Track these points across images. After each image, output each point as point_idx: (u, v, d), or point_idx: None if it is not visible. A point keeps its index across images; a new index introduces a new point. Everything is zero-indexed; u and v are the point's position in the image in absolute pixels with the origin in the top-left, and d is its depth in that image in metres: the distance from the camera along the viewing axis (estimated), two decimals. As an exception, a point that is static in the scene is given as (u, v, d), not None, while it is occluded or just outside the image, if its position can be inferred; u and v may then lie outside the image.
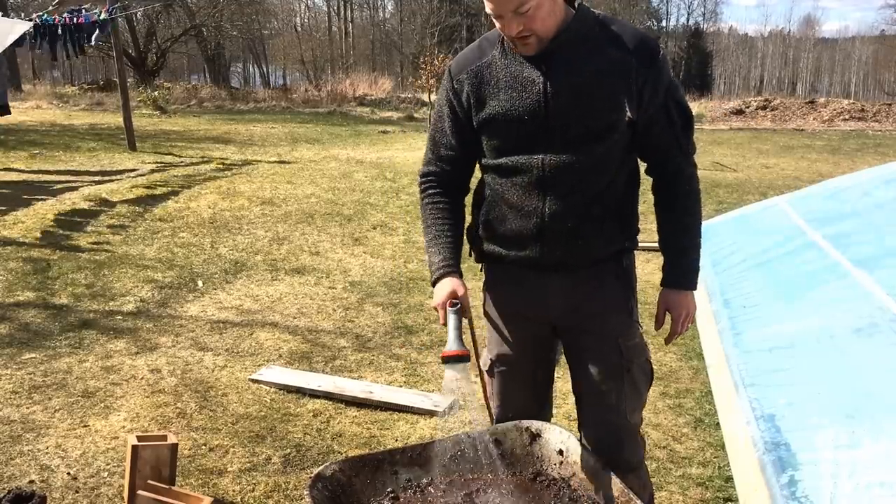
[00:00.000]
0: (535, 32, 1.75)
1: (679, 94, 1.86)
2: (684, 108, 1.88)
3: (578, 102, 1.78)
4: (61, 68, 34.91)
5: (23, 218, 6.80)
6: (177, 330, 4.35)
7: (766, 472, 2.57)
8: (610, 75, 1.78)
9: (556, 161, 1.81)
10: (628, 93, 1.78)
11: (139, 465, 2.53)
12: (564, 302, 1.93)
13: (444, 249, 1.98)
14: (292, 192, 8.41)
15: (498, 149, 1.88)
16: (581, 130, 1.79)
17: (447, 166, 2.00)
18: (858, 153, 13.78)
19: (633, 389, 1.96)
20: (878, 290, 3.47)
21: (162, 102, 18.58)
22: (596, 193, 1.84)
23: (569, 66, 1.78)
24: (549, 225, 1.84)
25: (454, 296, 1.88)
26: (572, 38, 1.79)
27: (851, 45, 50.84)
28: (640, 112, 1.81)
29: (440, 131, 1.98)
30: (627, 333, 1.95)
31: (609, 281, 1.93)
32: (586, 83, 1.78)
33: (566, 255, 1.87)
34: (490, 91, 1.86)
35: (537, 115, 1.80)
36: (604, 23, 1.83)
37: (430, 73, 16.75)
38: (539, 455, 1.88)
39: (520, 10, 1.71)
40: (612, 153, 1.83)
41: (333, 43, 41.00)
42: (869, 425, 2.61)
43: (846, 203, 5.45)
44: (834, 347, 3.24)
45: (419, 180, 2.06)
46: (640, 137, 1.86)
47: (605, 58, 1.78)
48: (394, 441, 3.14)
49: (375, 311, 4.79)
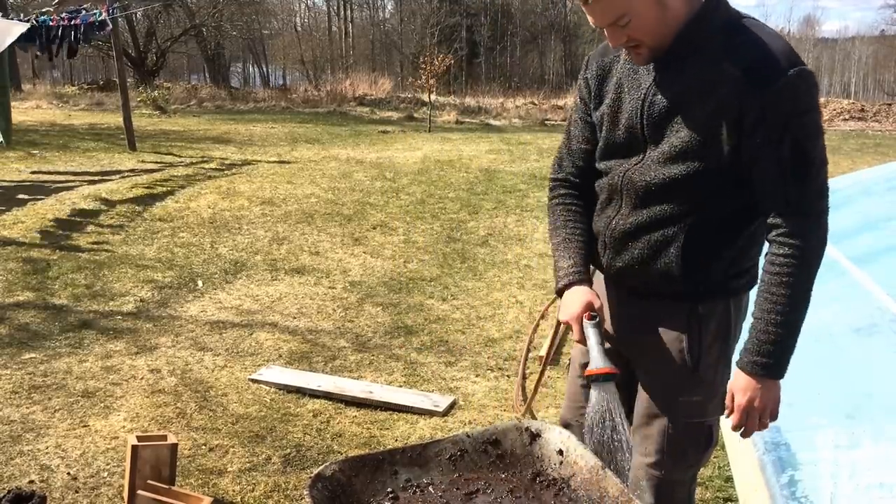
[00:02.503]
0: (642, 43, 1.60)
1: (805, 133, 1.54)
2: (806, 151, 1.54)
3: (672, 117, 1.62)
4: (61, 68, 34.88)
5: (22, 218, 6.80)
6: (177, 330, 4.35)
7: (766, 472, 2.57)
8: (714, 93, 1.56)
9: (636, 174, 1.68)
10: (729, 117, 1.55)
11: (139, 465, 2.53)
12: (618, 322, 1.84)
13: (575, 255, 1.80)
14: (292, 192, 8.40)
15: (601, 150, 1.78)
16: (667, 147, 1.63)
17: (580, 161, 1.86)
18: (858, 153, 13.78)
19: (674, 448, 1.78)
20: (878, 289, 3.47)
21: (162, 102, 18.56)
22: (667, 218, 1.67)
23: (676, 75, 1.63)
24: (611, 235, 1.75)
25: (590, 307, 1.71)
26: (686, 46, 1.61)
27: (851, 45, 50.82)
28: (744, 143, 1.56)
29: (575, 123, 1.86)
30: (683, 387, 1.75)
31: (670, 321, 1.74)
32: (686, 98, 1.61)
33: (627, 272, 1.75)
34: (608, 88, 1.75)
35: (633, 122, 1.69)
36: (732, 29, 1.59)
37: (430, 73, 16.74)
38: (539, 455, 1.88)
39: (619, 22, 1.57)
40: (701, 181, 1.61)
41: (333, 43, 40.99)
42: (869, 425, 2.61)
43: (846, 203, 5.45)
44: (834, 347, 3.24)
45: (550, 177, 1.92)
46: (747, 175, 1.59)
47: (715, 72, 1.57)
48: (394, 441, 3.14)
49: (375, 311, 4.79)
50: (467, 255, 6.23)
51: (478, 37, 37.57)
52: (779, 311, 1.58)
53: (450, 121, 18.51)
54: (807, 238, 1.58)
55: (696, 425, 1.77)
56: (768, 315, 1.59)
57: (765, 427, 1.68)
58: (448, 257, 6.13)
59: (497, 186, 9.28)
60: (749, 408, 1.64)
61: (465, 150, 12.59)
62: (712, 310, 1.72)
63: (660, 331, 1.76)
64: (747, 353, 1.63)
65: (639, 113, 1.67)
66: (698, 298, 1.71)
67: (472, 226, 7.25)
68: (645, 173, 1.67)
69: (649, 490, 1.82)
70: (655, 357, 1.78)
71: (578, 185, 1.87)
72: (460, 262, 5.99)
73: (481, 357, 4.12)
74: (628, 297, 1.82)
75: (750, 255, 1.73)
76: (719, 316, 1.73)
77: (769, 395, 1.63)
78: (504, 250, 6.42)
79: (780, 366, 1.62)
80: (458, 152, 12.32)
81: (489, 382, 3.79)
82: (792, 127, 1.53)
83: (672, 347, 1.75)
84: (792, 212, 1.57)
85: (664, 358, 1.76)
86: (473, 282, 5.50)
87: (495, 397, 3.62)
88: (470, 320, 4.69)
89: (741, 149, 1.57)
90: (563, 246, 1.82)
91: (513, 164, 11.17)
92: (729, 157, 1.58)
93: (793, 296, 1.58)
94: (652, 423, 1.81)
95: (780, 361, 1.61)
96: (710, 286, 1.71)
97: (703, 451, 1.83)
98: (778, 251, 1.59)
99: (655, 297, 1.75)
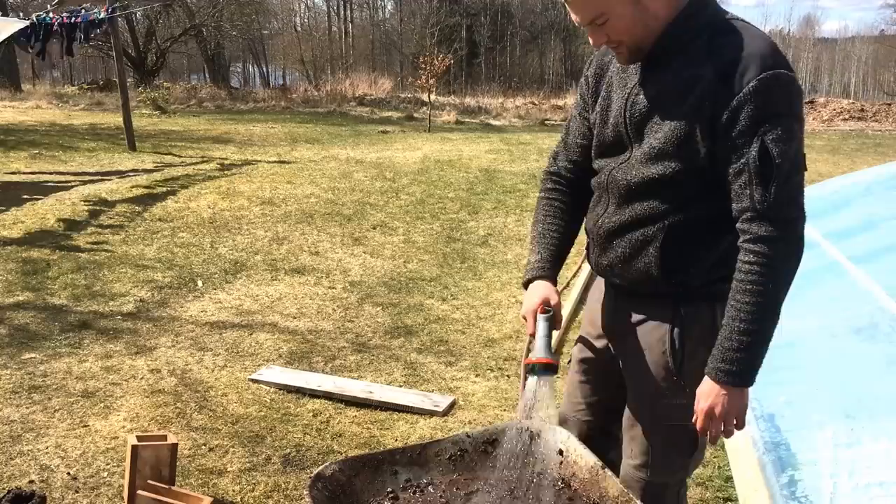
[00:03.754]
0: (622, 43, 1.62)
1: (774, 137, 1.50)
2: (773, 156, 1.50)
3: (651, 117, 1.64)
4: (61, 68, 34.89)
5: (22, 218, 6.80)
6: (176, 330, 4.35)
7: (766, 471, 2.58)
8: (690, 94, 1.56)
9: (620, 173, 1.70)
10: (702, 118, 1.55)
11: (139, 465, 2.53)
12: (608, 318, 1.86)
13: (545, 250, 1.83)
14: (292, 192, 8.40)
15: (595, 149, 1.80)
16: (647, 147, 1.64)
17: (574, 156, 1.87)
18: (858, 153, 13.78)
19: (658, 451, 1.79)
20: (878, 289, 3.47)
21: (161, 102, 18.55)
22: (647, 218, 1.67)
23: (659, 76, 1.64)
24: (598, 233, 1.78)
25: (547, 303, 1.75)
26: (670, 46, 1.61)
27: (851, 45, 50.82)
28: (718, 145, 1.56)
29: (574, 118, 1.88)
30: (666, 390, 1.74)
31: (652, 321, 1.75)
32: (664, 98, 1.62)
33: (611, 270, 1.78)
34: (602, 86, 1.77)
35: (618, 121, 1.70)
36: (718, 29, 1.59)
37: (430, 73, 16.75)
38: (539, 455, 1.88)
39: (596, 21, 1.58)
40: (679, 181, 1.62)
41: (333, 43, 40.98)
42: (868, 425, 2.61)
43: (846, 203, 5.46)
44: (834, 347, 3.25)
45: (543, 170, 1.94)
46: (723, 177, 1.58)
47: (695, 73, 1.56)
48: (394, 441, 3.14)
49: (375, 312, 4.79)
50: (467, 255, 6.23)
51: (478, 37, 37.57)
52: (742, 318, 1.55)
53: (450, 121, 18.51)
54: (773, 245, 1.53)
55: (680, 428, 1.74)
56: (733, 322, 1.56)
57: (730, 434, 1.64)
58: (448, 257, 6.13)
59: (497, 186, 9.28)
60: (711, 413, 1.61)
61: (464, 150, 12.60)
62: (695, 314, 1.71)
63: (643, 331, 1.76)
64: (713, 358, 1.61)
65: (622, 112, 1.69)
66: (679, 300, 1.71)
67: (472, 226, 7.25)
68: (628, 172, 1.69)
69: (637, 492, 1.80)
70: (639, 360, 1.78)
71: (570, 179, 1.89)
72: (460, 262, 5.99)
73: (481, 357, 4.12)
74: (616, 294, 1.83)
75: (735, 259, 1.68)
76: (704, 320, 1.70)
77: (733, 403, 1.59)
78: (504, 250, 6.42)
79: (744, 374, 1.58)
80: (458, 152, 12.32)
81: (489, 382, 3.79)
82: (761, 131, 1.50)
83: (655, 350, 1.74)
84: (758, 217, 1.53)
85: (647, 361, 1.76)
86: (473, 282, 5.50)
87: (495, 397, 3.62)
88: (470, 320, 4.69)
89: (716, 151, 1.56)
90: (536, 241, 1.85)
91: (513, 164, 11.18)
92: (705, 159, 1.57)
93: (757, 303, 1.54)
94: (636, 425, 1.82)
95: (745, 369, 1.57)
96: (691, 289, 1.69)
97: (688, 455, 1.81)
98: (744, 258, 1.56)
99: (636, 294, 1.76)
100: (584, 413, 1.98)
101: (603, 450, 1.85)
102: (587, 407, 1.97)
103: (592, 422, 1.97)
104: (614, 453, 2.00)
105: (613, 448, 2.01)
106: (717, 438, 1.66)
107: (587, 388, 1.97)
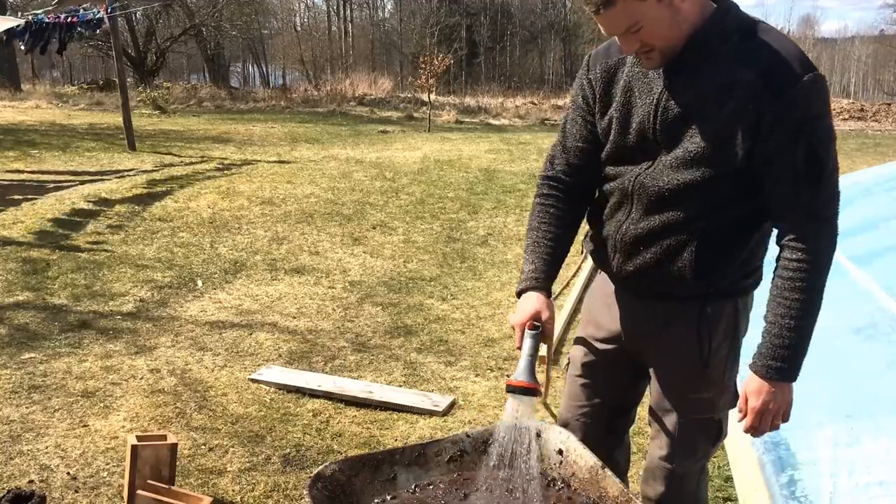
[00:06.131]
0: (654, 47, 1.59)
1: (818, 138, 1.55)
2: (819, 156, 1.54)
3: (687, 122, 1.61)
4: (61, 68, 34.89)
5: (22, 218, 6.79)
6: (176, 330, 4.35)
7: (766, 471, 2.58)
8: (729, 98, 1.55)
9: (648, 179, 1.67)
10: (745, 122, 1.55)
11: (139, 465, 2.53)
12: (627, 322, 1.84)
13: (539, 259, 1.80)
14: (292, 192, 8.40)
15: (610, 154, 1.75)
16: (681, 152, 1.62)
17: (574, 160, 1.83)
18: (858, 153, 13.78)
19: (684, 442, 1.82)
20: (878, 289, 3.47)
21: (161, 102, 18.56)
22: (681, 223, 1.66)
23: (690, 80, 1.60)
24: (622, 240, 1.74)
25: (536, 318, 1.72)
26: (700, 50, 1.59)
27: (851, 45, 50.84)
28: (758, 147, 1.56)
29: (573, 121, 1.83)
30: (694, 385, 1.77)
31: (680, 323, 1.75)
32: (700, 103, 1.59)
33: (635, 277, 1.75)
34: (615, 91, 1.73)
35: (645, 126, 1.66)
36: (746, 32, 1.59)
37: (430, 72, 16.75)
38: (539, 455, 1.88)
39: (631, 29, 1.56)
40: (714, 185, 1.61)
41: (333, 43, 40.97)
42: (868, 424, 2.61)
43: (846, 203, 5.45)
44: (834, 347, 3.24)
45: (539, 175, 1.90)
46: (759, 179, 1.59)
47: (730, 76, 1.56)
48: (394, 441, 3.14)
49: (375, 311, 4.78)
50: (467, 254, 6.23)
51: (477, 37, 37.57)
52: (792, 315, 1.60)
53: (449, 120, 18.52)
54: (819, 242, 1.59)
55: (707, 421, 1.81)
56: (782, 320, 1.60)
57: (776, 428, 1.69)
58: (448, 257, 6.13)
59: (497, 186, 9.28)
60: (763, 410, 1.65)
61: (464, 150, 12.60)
62: (721, 310, 1.74)
63: (670, 331, 1.77)
64: (761, 356, 1.64)
65: (651, 118, 1.65)
66: (707, 299, 1.72)
67: (472, 225, 7.25)
68: (658, 178, 1.66)
69: (661, 480, 1.86)
70: (666, 356, 1.80)
71: (568, 183, 1.85)
72: (460, 262, 5.99)
73: (481, 357, 4.12)
74: (637, 298, 1.82)
75: (758, 256, 1.75)
76: (727, 316, 1.74)
77: (783, 398, 1.65)
78: (504, 250, 6.42)
79: (793, 369, 1.63)
80: (458, 152, 12.32)
81: (489, 382, 3.79)
82: (806, 132, 1.53)
83: (682, 348, 1.76)
84: (804, 216, 1.58)
85: (675, 357, 1.78)
86: (473, 282, 5.50)
87: (495, 397, 3.62)
88: (470, 320, 4.69)
89: (754, 153, 1.57)
90: (530, 249, 1.83)
91: (512, 164, 11.18)
92: (742, 161, 1.58)
93: (805, 300, 1.60)
94: (664, 418, 1.85)
95: (794, 365, 1.62)
96: (720, 287, 1.71)
97: (712, 444, 1.88)
98: (790, 256, 1.60)
99: (665, 298, 1.76)
100: (587, 415, 1.98)
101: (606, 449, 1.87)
102: (590, 408, 1.97)
103: (595, 423, 1.97)
104: (618, 452, 2.01)
105: (617, 447, 2.02)
106: (763, 433, 1.70)
107: (589, 390, 1.97)
